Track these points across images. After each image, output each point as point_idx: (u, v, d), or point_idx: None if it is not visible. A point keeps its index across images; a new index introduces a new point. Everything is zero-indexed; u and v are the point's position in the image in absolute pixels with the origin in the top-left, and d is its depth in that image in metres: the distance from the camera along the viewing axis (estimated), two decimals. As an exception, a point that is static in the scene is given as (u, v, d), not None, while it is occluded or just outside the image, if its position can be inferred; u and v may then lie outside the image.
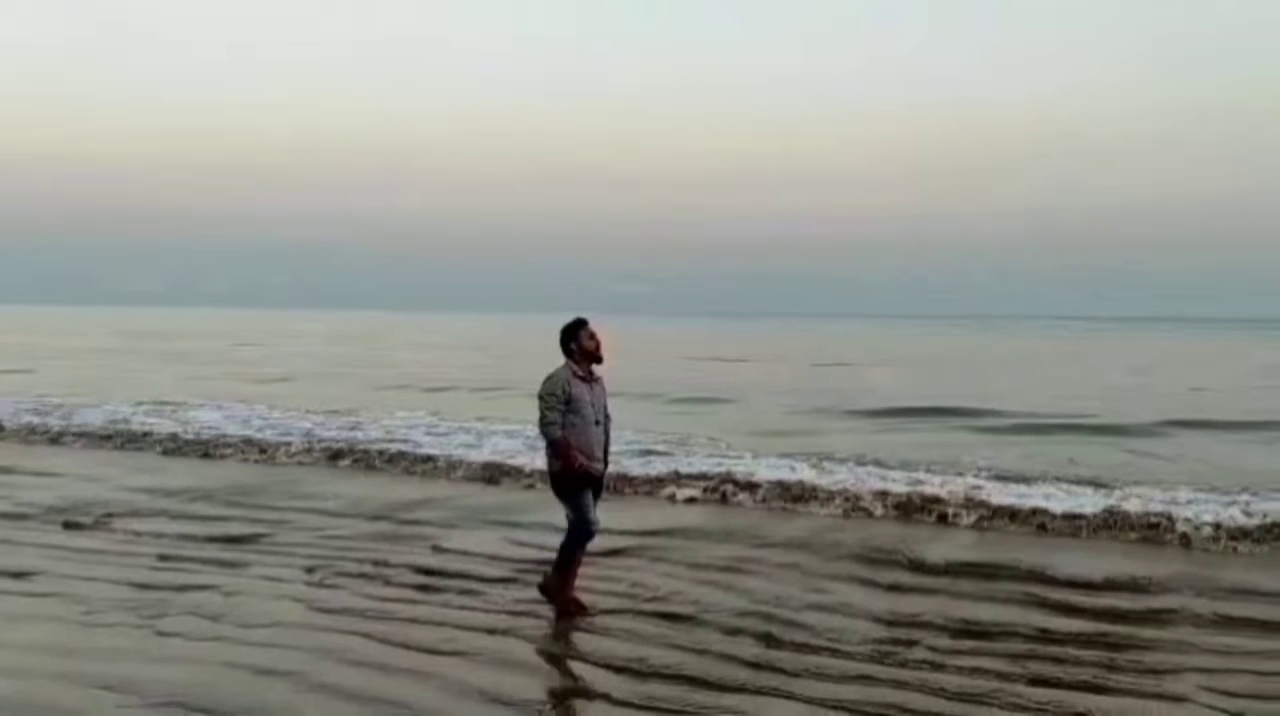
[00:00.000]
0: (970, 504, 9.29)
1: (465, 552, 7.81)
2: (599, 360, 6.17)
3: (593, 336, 6.15)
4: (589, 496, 6.10)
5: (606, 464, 6.30)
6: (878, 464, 11.66)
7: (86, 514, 9.18)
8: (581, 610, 6.15)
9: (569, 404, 5.96)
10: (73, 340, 54.15)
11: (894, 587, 6.92)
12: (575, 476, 6.00)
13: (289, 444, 13.39)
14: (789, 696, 4.88)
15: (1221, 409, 19.88)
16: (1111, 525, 8.66)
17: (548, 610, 6.22)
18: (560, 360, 6.14)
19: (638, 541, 8.09)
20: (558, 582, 6.23)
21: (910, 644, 5.66)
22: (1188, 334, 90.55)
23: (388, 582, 6.95)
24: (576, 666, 5.42)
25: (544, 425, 5.96)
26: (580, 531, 6.11)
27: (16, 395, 19.42)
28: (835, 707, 4.73)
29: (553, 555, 6.76)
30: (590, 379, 6.14)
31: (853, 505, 9.61)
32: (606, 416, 6.23)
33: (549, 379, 6.02)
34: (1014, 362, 42.78)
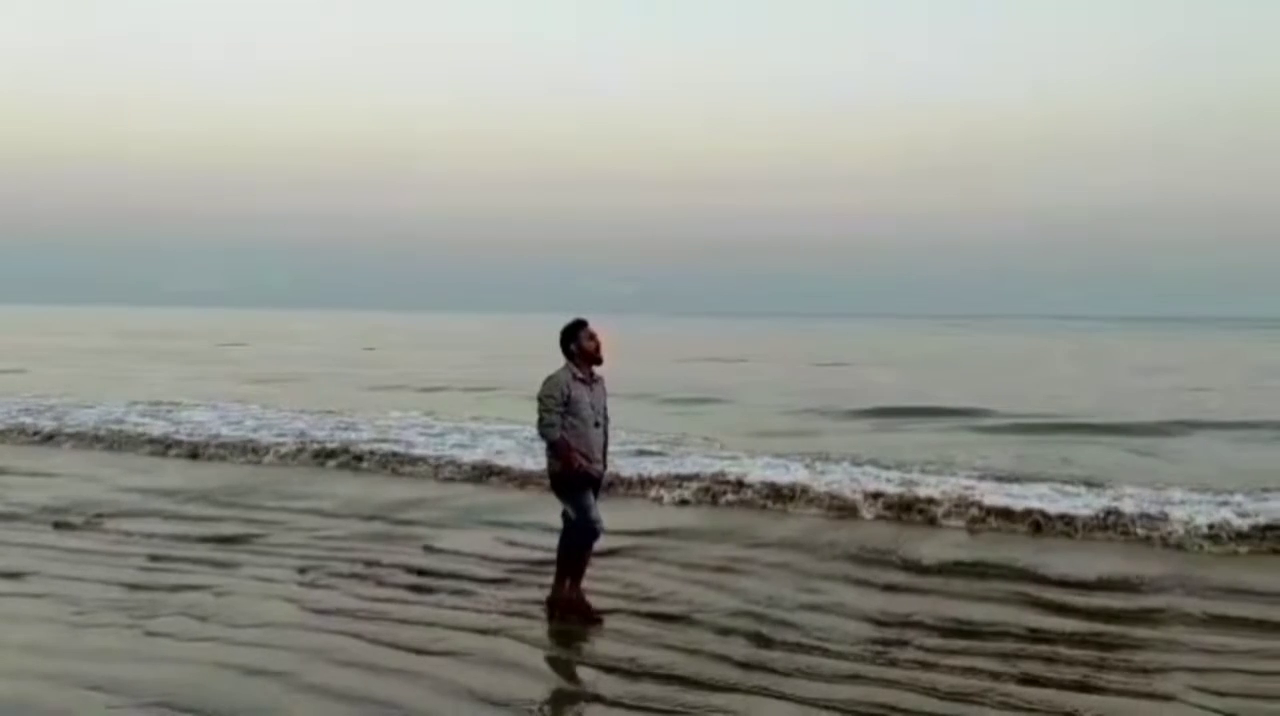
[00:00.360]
0: (964, 504, 9.28)
1: (457, 553, 7.80)
2: (599, 361, 6.13)
3: (592, 337, 6.11)
4: (590, 496, 6.08)
5: (605, 465, 6.28)
6: (873, 464, 11.64)
7: (79, 514, 9.17)
8: (588, 613, 6.08)
9: (568, 406, 5.93)
10: (70, 340, 54.06)
11: (887, 587, 6.92)
12: (575, 477, 5.98)
13: (282, 444, 13.37)
14: (780, 696, 4.87)
15: (1220, 409, 19.89)
16: (1105, 525, 8.66)
17: (540, 610, 6.21)
18: (560, 361, 6.12)
19: (631, 542, 8.08)
20: (574, 590, 6.17)
21: (902, 643, 5.66)
22: (1189, 334, 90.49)
23: (380, 583, 6.94)
24: (568, 666, 5.42)
25: (543, 427, 5.94)
26: (584, 531, 6.08)
27: (11, 395, 19.38)
28: (826, 707, 4.73)
29: (545, 555, 6.75)
30: (590, 380, 6.10)
31: (846, 505, 9.59)
32: (606, 417, 6.19)
33: (548, 381, 5.99)
34: (1013, 362, 42.79)
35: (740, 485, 10.29)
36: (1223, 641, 5.76)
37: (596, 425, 6.06)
